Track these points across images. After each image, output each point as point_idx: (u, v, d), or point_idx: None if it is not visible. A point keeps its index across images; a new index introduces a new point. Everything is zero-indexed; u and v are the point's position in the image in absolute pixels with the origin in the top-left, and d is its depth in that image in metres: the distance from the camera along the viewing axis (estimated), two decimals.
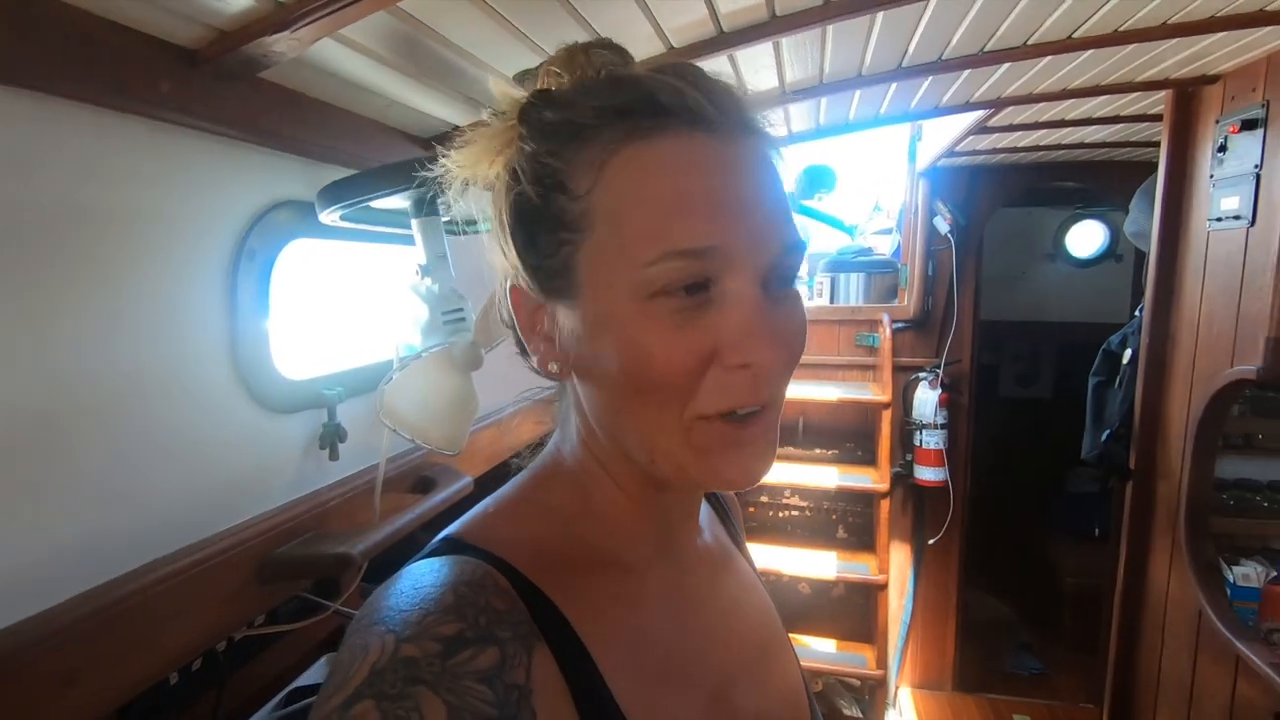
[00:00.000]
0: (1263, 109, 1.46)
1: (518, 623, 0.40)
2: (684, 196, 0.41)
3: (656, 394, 0.42)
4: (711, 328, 0.41)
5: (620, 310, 0.42)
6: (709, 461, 0.43)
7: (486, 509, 0.50)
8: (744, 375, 0.42)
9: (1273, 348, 1.44)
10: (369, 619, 0.38)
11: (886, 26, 1.15)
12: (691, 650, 0.51)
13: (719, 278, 0.41)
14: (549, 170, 0.43)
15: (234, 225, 0.81)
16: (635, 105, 0.42)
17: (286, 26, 0.66)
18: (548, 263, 0.44)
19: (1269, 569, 1.77)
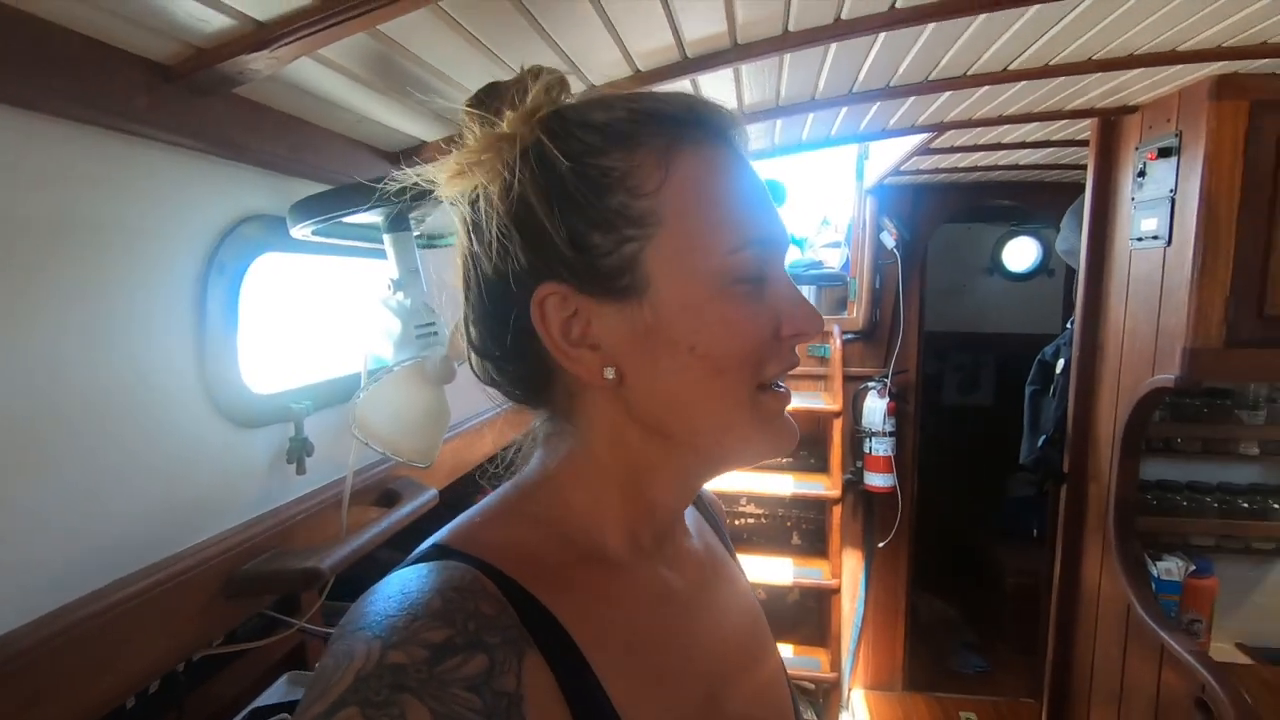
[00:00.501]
0: (1176, 138, 1.58)
1: (507, 628, 0.39)
2: (747, 194, 0.48)
3: (738, 369, 0.46)
4: (769, 304, 0.47)
5: (701, 298, 0.45)
6: (768, 430, 0.48)
7: (472, 517, 0.49)
8: (790, 345, 0.48)
9: (1189, 358, 1.56)
10: (354, 625, 0.38)
11: (839, 56, 1.21)
12: (685, 651, 0.51)
13: (768, 265, 0.47)
14: (600, 170, 0.44)
15: (204, 238, 0.81)
16: (680, 114, 0.46)
17: (266, 46, 0.67)
18: (604, 262, 0.44)
19: (1189, 563, 1.90)
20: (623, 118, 0.45)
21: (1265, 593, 2.05)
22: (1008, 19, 1.10)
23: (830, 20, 1.01)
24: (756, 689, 0.56)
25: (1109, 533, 1.83)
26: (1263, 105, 1.45)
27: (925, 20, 1.01)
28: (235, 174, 0.86)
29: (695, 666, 0.51)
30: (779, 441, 0.49)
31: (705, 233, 0.45)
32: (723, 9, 0.92)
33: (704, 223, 0.45)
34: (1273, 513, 1.98)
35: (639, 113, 0.45)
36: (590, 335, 0.46)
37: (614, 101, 0.46)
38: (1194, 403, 2.00)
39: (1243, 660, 1.93)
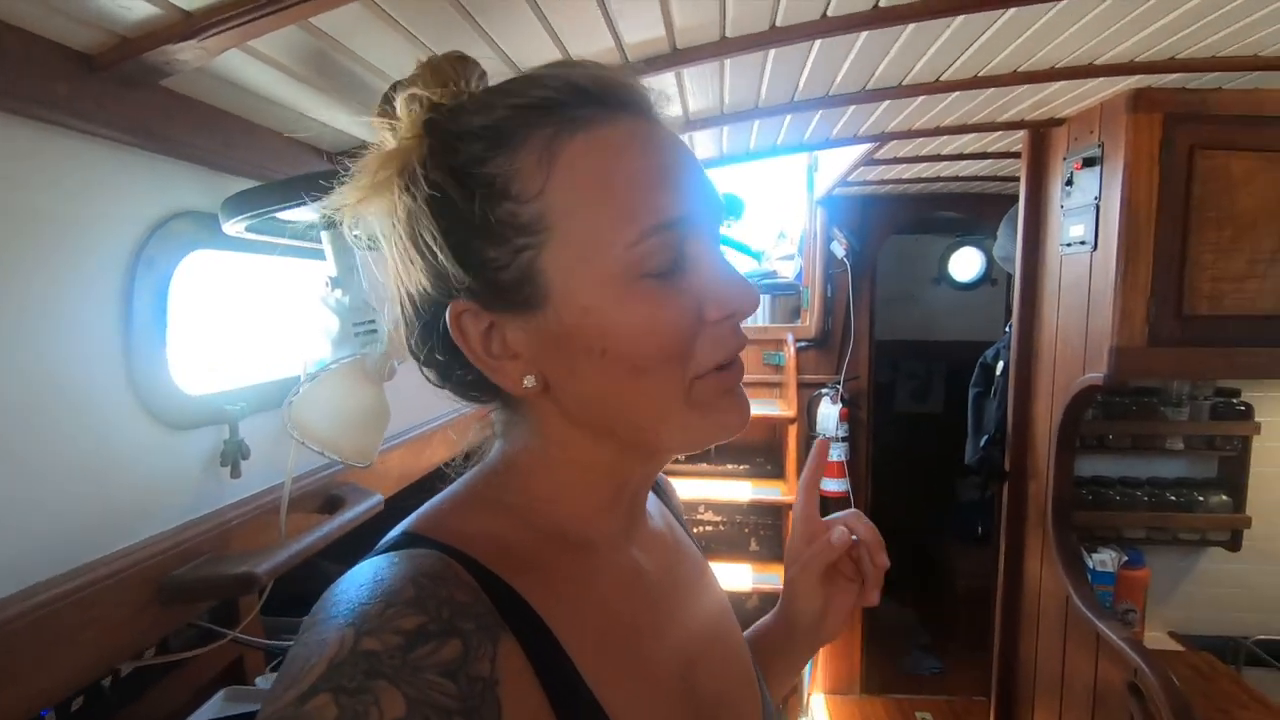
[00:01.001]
0: (1099, 149, 1.67)
1: (481, 614, 0.39)
2: (646, 174, 0.42)
3: (659, 368, 0.43)
4: (690, 289, 0.44)
5: (604, 299, 0.42)
6: (711, 415, 0.46)
7: (440, 504, 0.49)
8: (729, 327, 0.45)
9: (1115, 357, 1.63)
10: (326, 613, 0.37)
11: (778, 63, 1.25)
12: (656, 632, 0.51)
13: (685, 246, 0.44)
14: (484, 179, 0.42)
15: (131, 234, 0.79)
16: (560, 96, 0.42)
17: (193, 35, 0.66)
18: (503, 275, 0.43)
19: (1122, 555, 1.98)
20: (502, 117, 0.42)
21: (1193, 582, 2.15)
22: (936, 29, 1.16)
23: (766, 27, 1.04)
24: (725, 664, 0.57)
25: (1048, 528, 1.90)
26: (1175, 117, 1.54)
27: (858, 29, 1.05)
28: (166, 169, 0.84)
29: (667, 646, 0.51)
30: (725, 423, 0.46)
31: (598, 230, 0.42)
32: (660, 13, 0.95)
33: (595, 219, 0.42)
34: (1198, 504, 2.08)
35: (519, 107, 0.42)
36: (509, 346, 0.45)
37: (494, 100, 0.43)
38: (1123, 401, 2.09)
39: (1174, 647, 2.02)
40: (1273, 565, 2.11)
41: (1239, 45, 1.31)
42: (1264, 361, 1.63)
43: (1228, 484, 2.12)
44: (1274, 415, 2.06)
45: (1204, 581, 2.14)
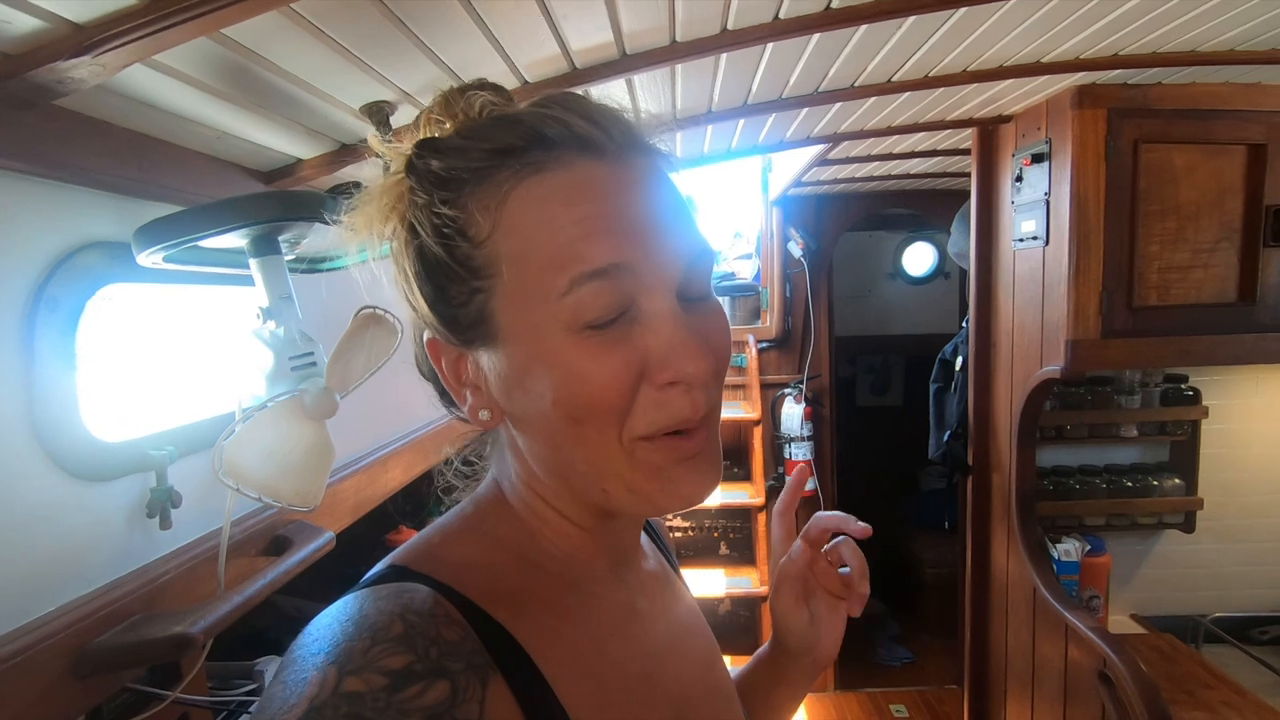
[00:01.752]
0: (1047, 145, 1.69)
1: (471, 653, 0.37)
2: (581, 222, 0.40)
3: (592, 420, 0.41)
4: (638, 345, 0.41)
5: (546, 346, 0.41)
6: (661, 481, 0.43)
7: (430, 537, 0.47)
8: (677, 391, 0.42)
9: (1071, 349, 1.65)
10: (306, 650, 0.35)
11: (730, 67, 1.22)
12: (649, 674, 0.50)
13: (635, 299, 0.41)
14: (446, 220, 0.42)
15: (29, 271, 0.71)
16: (522, 143, 0.41)
17: (86, 51, 0.59)
18: (462, 313, 0.44)
19: (1084, 543, 2.02)
20: (470, 160, 0.42)
21: (1151, 565, 2.20)
22: (887, 30, 1.14)
23: (717, 30, 1.01)
24: (715, 702, 0.56)
25: (1012, 519, 1.92)
26: (1118, 112, 1.57)
27: (810, 30, 1.03)
28: (69, 197, 0.76)
29: (659, 689, 0.50)
30: (676, 494, 0.43)
31: (533, 278, 0.41)
32: (607, 19, 0.91)
33: (530, 267, 0.41)
34: (1152, 489, 2.14)
35: (486, 152, 0.42)
36: (474, 377, 0.46)
37: (468, 144, 0.43)
38: (1079, 391, 2.13)
39: (1137, 630, 2.07)
40: (1224, 544, 2.18)
41: (1177, 41, 1.33)
42: (1209, 348, 1.67)
43: (1180, 468, 2.18)
44: (1220, 399, 2.12)
45: (1162, 564, 2.19)
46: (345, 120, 0.98)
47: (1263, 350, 1.67)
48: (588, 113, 0.42)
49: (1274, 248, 1.62)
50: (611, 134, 0.42)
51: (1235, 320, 1.65)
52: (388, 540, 2.05)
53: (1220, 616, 2.07)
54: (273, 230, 0.80)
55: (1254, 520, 2.17)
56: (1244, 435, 2.16)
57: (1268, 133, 1.60)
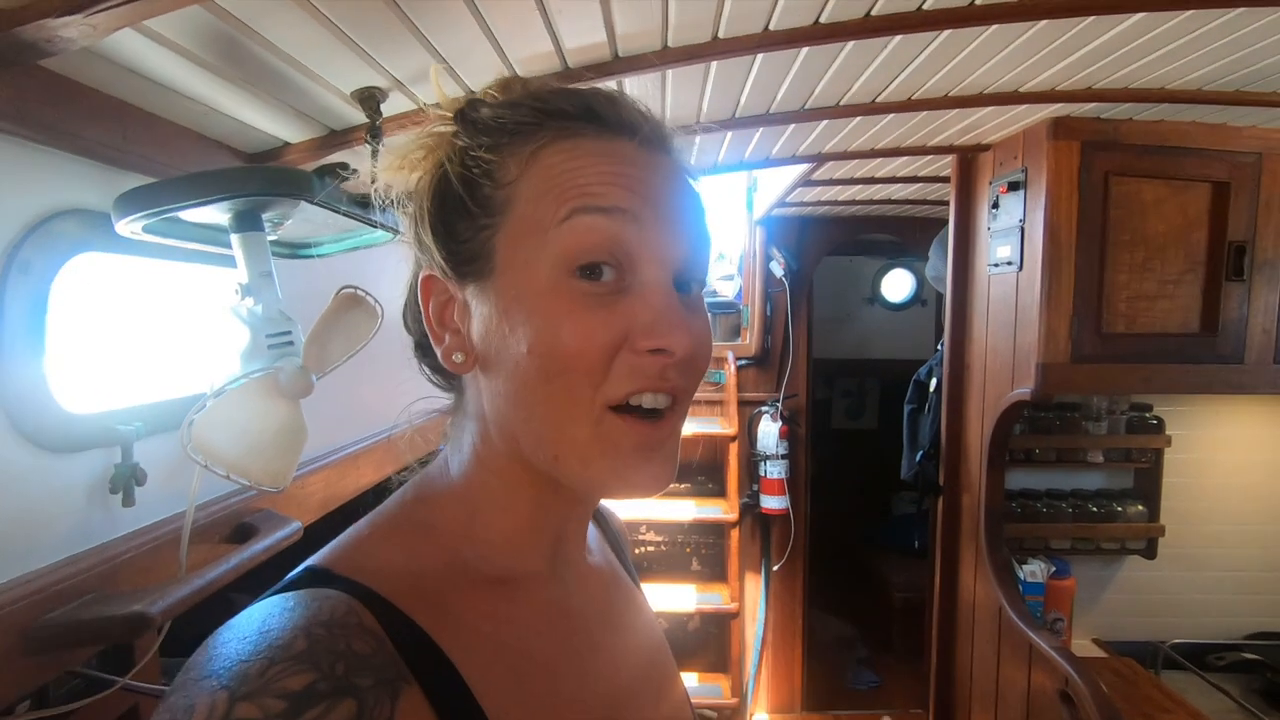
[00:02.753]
0: (1023, 173, 1.74)
1: (382, 666, 0.36)
2: (603, 173, 0.43)
3: (566, 377, 0.42)
4: (625, 312, 0.42)
5: (535, 286, 0.42)
6: (616, 461, 0.43)
7: (360, 531, 0.46)
8: (654, 360, 0.42)
9: (1041, 373, 1.69)
10: (199, 671, 0.33)
11: (720, 76, 1.25)
12: (581, 676, 0.49)
13: (634, 265, 0.43)
14: (480, 163, 0.44)
15: (2, 233, 0.70)
16: (572, 109, 0.45)
17: (78, 9, 0.59)
18: (464, 247, 0.45)
19: (1049, 565, 2.05)
20: (520, 114, 0.45)
21: (1115, 590, 2.24)
22: (874, 49, 1.18)
23: (708, 38, 1.03)
24: (657, 706, 0.55)
25: (981, 539, 1.94)
26: (1091, 145, 1.62)
27: (799, 44, 1.06)
28: (48, 161, 0.75)
29: (593, 692, 0.49)
30: (629, 479, 0.43)
31: (540, 208, 0.43)
32: (601, 19, 0.92)
33: (543, 200, 0.43)
34: (1117, 515, 2.18)
35: (536, 110, 0.45)
36: (456, 321, 0.47)
37: (523, 100, 0.46)
38: (1048, 416, 2.18)
39: (1098, 654, 2.09)
40: (1184, 572, 2.22)
41: (1148, 78, 1.39)
42: (1173, 376, 1.71)
43: (1143, 494, 2.23)
44: (1183, 429, 2.18)
45: (1124, 589, 2.23)
46: (335, 105, 0.98)
47: (1222, 380, 1.72)
48: (634, 104, 0.47)
49: (1235, 282, 1.68)
50: (650, 124, 0.46)
51: (1198, 350, 1.70)
52: None
53: (1179, 642, 2.10)
54: (256, 206, 0.80)
55: (1212, 549, 2.22)
56: (1205, 465, 2.22)
57: (1231, 172, 1.66)
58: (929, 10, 1.01)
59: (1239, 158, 1.67)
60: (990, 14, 1.02)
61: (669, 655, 0.60)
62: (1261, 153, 1.67)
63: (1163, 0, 1.01)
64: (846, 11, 1.00)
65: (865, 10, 1.00)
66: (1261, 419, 2.22)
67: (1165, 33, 1.15)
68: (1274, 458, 2.23)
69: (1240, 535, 2.23)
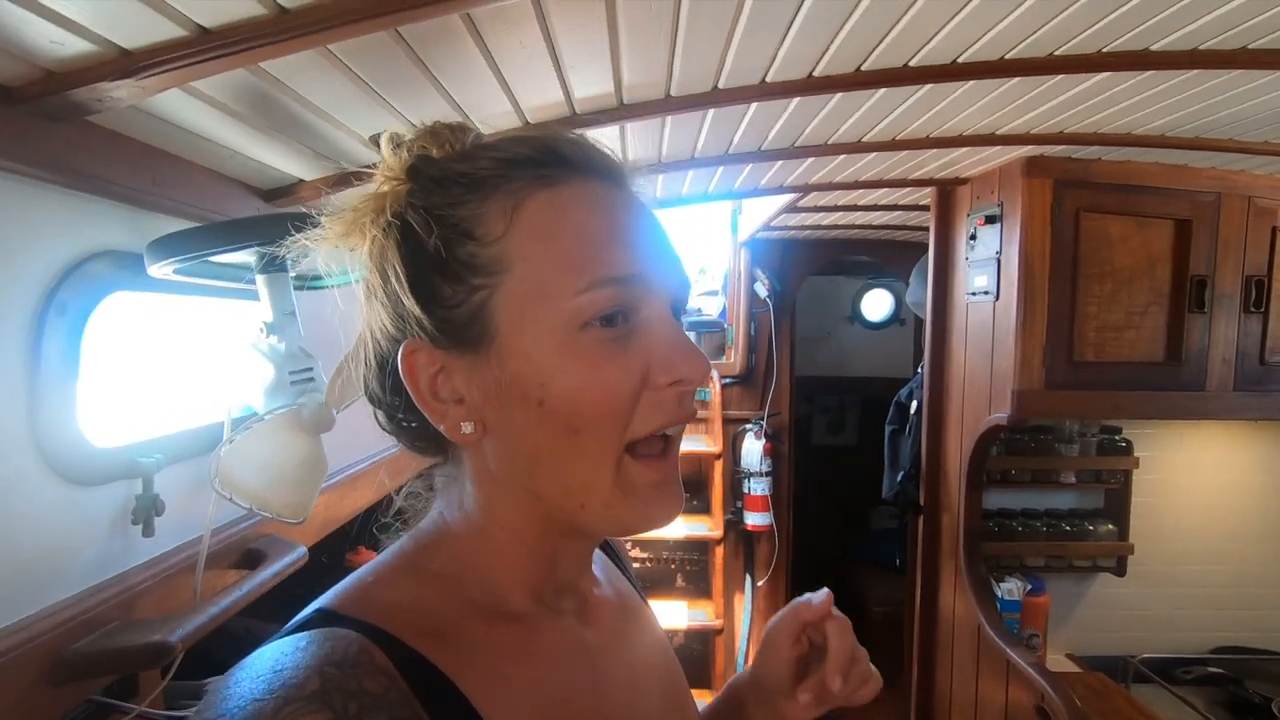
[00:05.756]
0: (999, 208, 1.83)
1: (395, 704, 0.36)
2: (605, 230, 0.44)
3: (595, 428, 0.43)
4: (639, 353, 0.43)
5: (547, 346, 0.42)
6: (637, 504, 0.45)
7: (364, 576, 0.46)
8: (673, 393, 0.44)
9: (1017, 398, 1.77)
10: (214, 711, 0.33)
11: (716, 121, 1.31)
12: (599, 708, 0.49)
13: (638, 307, 0.44)
14: (451, 220, 0.43)
15: (41, 276, 0.73)
16: (536, 154, 0.44)
17: (131, 74, 0.63)
18: (455, 313, 0.43)
19: (1025, 583, 2.12)
20: (481, 167, 0.44)
21: (1086, 606, 2.31)
22: (860, 99, 1.24)
23: (709, 88, 1.09)
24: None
25: (960, 557, 2.01)
26: (1063, 183, 1.71)
27: (792, 95, 1.12)
28: (84, 206, 0.78)
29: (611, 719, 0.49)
30: (650, 516, 0.45)
31: (548, 275, 0.42)
32: (610, 72, 0.98)
33: (547, 265, 0.42)
34: (1089, 534, 2.26)
35: (498, 160, 0.44)
36: (456, 390, 0.45)
37: (478, 152, 0.45)
38: (1023, 438, 2.25)
39: (1073, 669, 2.16)
40: (1152, 589, 2.31)
41: (1115, 125, 1.47)
42: (1140, 403, 1.80)
43: (1113, 514, 2.31)
44: (1150, 450, 2.27)
45: (1096, 605, 2.31)
46: (353, 148, 1.02)
47: (1185, 408, 1.81)
48: (594, 144, 0.47)
49: (1196, 314, 1.77)
50: (611, 163, 0.47)
51: (1163, 378, 1.79)
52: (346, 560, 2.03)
53: (1148, 657, 2.18)
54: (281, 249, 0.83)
55: (1178, 566, 2.31)
56: (1170, 486, 2.31)
57: (1192, 210, 1.76)
58: (914, 66, 1.08)
59: (1199, 197, 1.77)
60: (970, 71, 1.09)
61: (681, 676, 0.61)
62: (1220, 193, 1.77)
63: (1125, 61, 1.08)
64: (838, 67, 1.06)
65: (856, 66, 1.07)
66: (1223, 442, 2.32)
67: (1129, 88, 1.24)
68: (1236, 478, 2.34)
69: (1205, 553, 2.32)
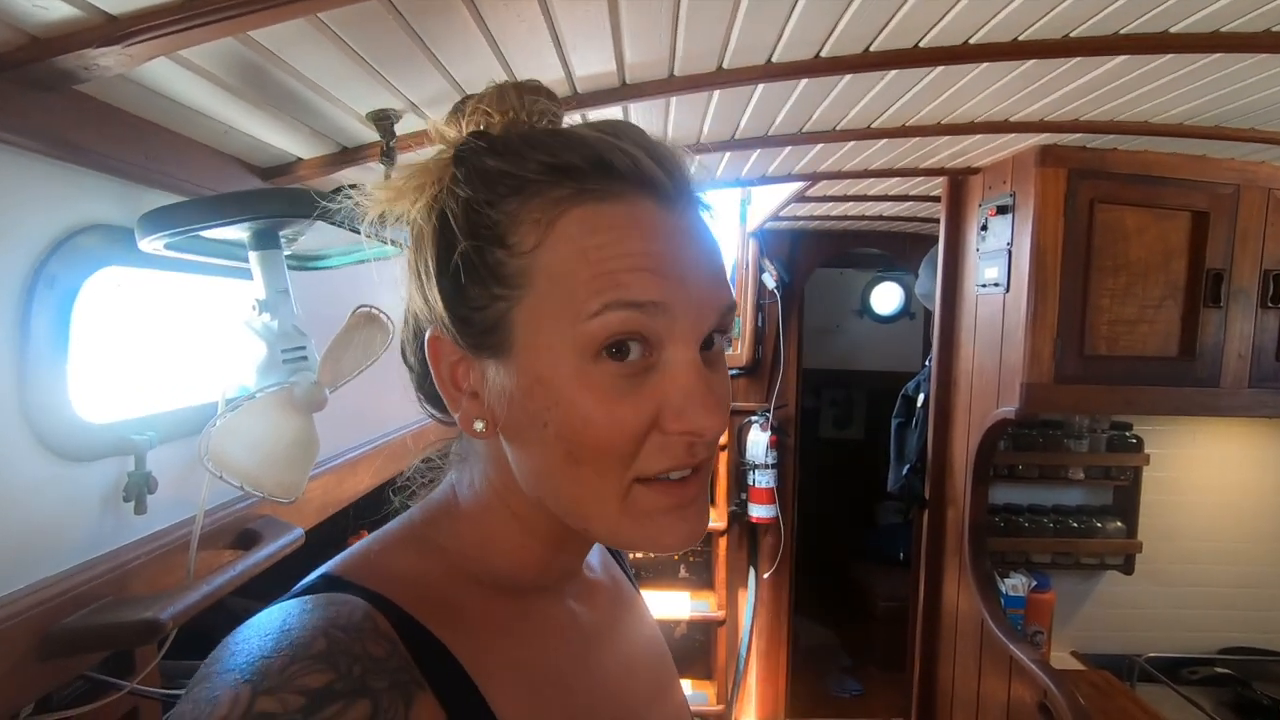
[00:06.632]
0: (1011, 198, 1.79)
1: (396, 670, 0.36)
2: (633, 256, 0.40)
3: (596, 462, 0.41)
4: (654, 393, 0.41)
5: (561, 373, 0.40)
6: (647, 527, 0.43)
7: (370, 545, 0.46)
8: (682, 441, 0.42)
9: (1025, 392, 1.74)
10: (222, 665, 0.34)
11: (721, 103, 1.28)
12: (591, 689, 0.49)
13: (662, 344, 0.41)
14: (487, 221, 0.41)
15: (32, 247, 0.72)
16: (585, 165, 0.41)
17: (117, 41, 0.61)
18: (477, 316, 0.42)
19: (1030, 579, 2.10)
20: (526, 170, 0.41)
21: (1093, 604, 2.29)
22: (870, 81, 1.22)
23: (713, 68, 1.07)
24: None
25: (964, 552, 1.99)
26: (1077, 173, 1.67)
27: (799, 76, 1.10)
28: (75, 178, 0.77)
29: (603, 704, 0.49)
30: (659, 542, 0.43)
31: (569, 296, 0.40)
32: (612, 50, 0.96)
33: (571, 285, 0.40)
34: (1097, 531, 2.23)
35: (544, 165, 0.41)
36: (474, 384, 0.45)
37: (526, 150, 0.42)
38: (1031, 433, 2.23)
39: (1076, 666, 2.14)
40: (1160, 588, 2.28)
41: (1132, 112, 1.44)
42: (1152, 398, 1.77)
43: (1121, 511, 2.29)
44: (1161, 447, 2.24)
45: (1102, 603, 2.28)
46: (350, 125, 1.01)
47: (1199, 404, 1.78)
48: (654, 152, 0.42)
49: (1212, 308, 1.74)
50: (673, 177, 0.42)
51: (1176, 374, 1.76)
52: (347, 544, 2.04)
53: (1154, 656, 2.16)
54: (275, 225, 0.82)
55: (1187, 566, 2.28)
56: (1181, 483, 2.28)
57: (1210, 202, 1.72)
58: (924, 48, 1.05)
59: (1218, 188, 1.73)
60: (982, 53, 1.06)
61: (671, 664, 0.61)
62: (1239, 184, 1.73)
63: (1144, 44, 1.05)
64: (846, 47, 1.04)
65: (864, 46, 1.04)
66: (1236, 440, 2.29)
67: (1148, 73, 1.20)
68: (1248, 477, 2.30)
69: (1215, 552, 2.29)
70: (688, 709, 0.61)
